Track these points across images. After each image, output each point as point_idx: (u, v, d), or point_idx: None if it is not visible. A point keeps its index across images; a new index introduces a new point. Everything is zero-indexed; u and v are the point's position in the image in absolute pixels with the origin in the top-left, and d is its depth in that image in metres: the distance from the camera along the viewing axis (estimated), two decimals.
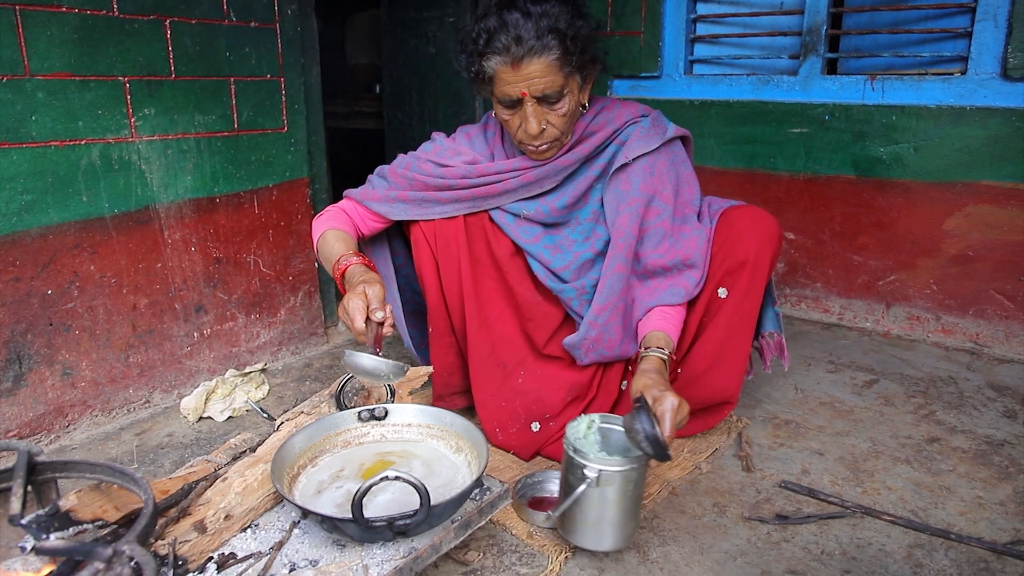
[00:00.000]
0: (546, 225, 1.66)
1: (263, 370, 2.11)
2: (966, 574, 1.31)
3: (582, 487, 1.22)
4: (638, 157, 1.57)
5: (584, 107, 1.56)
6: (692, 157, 1.71)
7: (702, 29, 2.77)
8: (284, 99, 2.13)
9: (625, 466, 1.22)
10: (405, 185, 1.65)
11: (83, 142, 1.71)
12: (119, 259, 1.83)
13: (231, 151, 2.03)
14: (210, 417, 1.91)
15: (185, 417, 1.90)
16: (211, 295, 2.05)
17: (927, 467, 1.67)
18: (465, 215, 1.65)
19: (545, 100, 1.45)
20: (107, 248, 1.80)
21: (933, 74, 2.31)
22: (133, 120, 1.79)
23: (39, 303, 1.70)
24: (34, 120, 1.62)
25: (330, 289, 2.46)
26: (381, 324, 1.30)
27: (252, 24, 2.01)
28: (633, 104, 1.66)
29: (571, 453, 1.25)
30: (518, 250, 1.69)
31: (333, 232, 1.58)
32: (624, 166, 1.57)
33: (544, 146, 1.53)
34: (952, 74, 2.28)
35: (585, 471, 1.22)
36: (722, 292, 1.60)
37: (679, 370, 1.67)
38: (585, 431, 1.34)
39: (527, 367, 1.69)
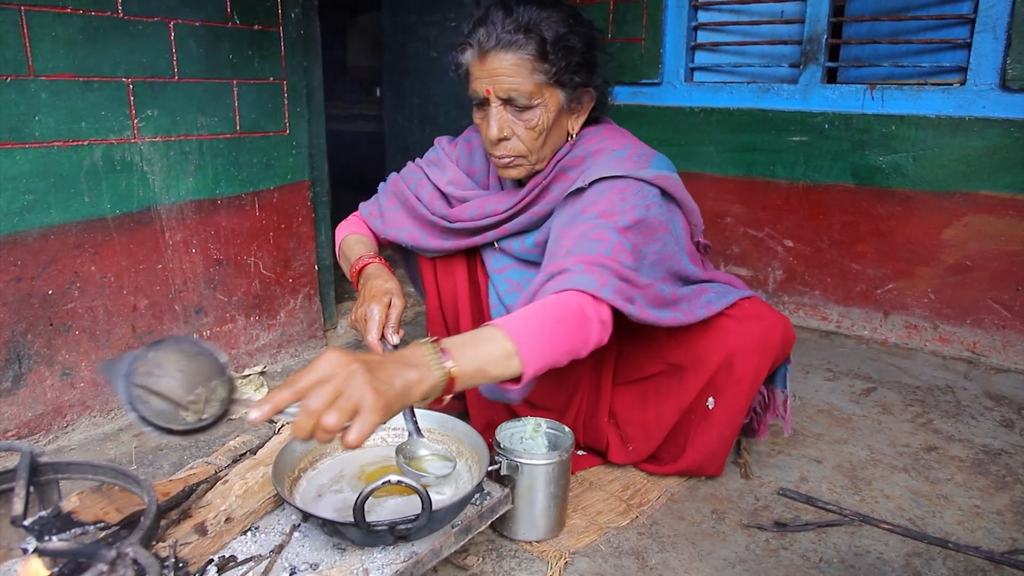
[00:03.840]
0: (520, 260, 1.56)
1: (262, 372, 2.11)
2: None
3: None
4: (595, 181, 1.33)
5: (570, 136, 1.43)
6: (688, 222, 1.45)
7: (703, 37, 2.78)
8: (286, 102, 2.13)
9: (542, 461, 1.33)
10: (399, 210, 1.64)
11: (86, 143, 1.71)
12: (120, 260, 1.83)
13: (233, 153, 2.03)
14: None
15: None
16: (211, 297, 2.05)
17: (925, 476, 1.68)
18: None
19: (512, 104, 1.33)
20: (108, 249, 1.80)
21: (932, 84, 2.33)
22: (136, 121, 1.79)
23: (39, 303, 1.69)
24: (37, 120, 1.62)
25: (329, 292, 2.46)
26: (396, 346, 1.32)
27: (255, 27, 2.01)
28: (624, 138, 1.45)
29: (497, 449, 1.35)
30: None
31: (354, 236, 1.61)
32: (579, 191, 1.35)
33: (507, 159, 1.39)
34: (951, 84, 2.29)
35: (508, 465, 1.34)
36: (711, 403, 1.49)
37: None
38: (532, 432, 1.46)
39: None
